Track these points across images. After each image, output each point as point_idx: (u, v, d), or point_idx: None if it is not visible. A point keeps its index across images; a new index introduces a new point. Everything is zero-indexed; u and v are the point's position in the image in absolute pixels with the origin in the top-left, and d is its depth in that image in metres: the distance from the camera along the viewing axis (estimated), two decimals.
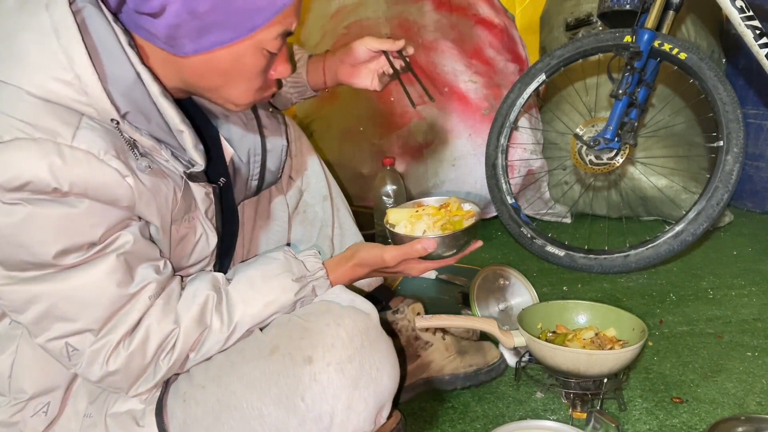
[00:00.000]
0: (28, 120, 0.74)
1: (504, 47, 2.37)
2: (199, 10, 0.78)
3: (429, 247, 0.99)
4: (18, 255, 0.76)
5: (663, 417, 1.21)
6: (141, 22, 0.81)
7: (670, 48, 1.82)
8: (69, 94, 0.76)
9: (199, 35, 0.80)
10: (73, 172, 0.75)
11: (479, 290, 1.54)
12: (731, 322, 1.60)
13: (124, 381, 0.85)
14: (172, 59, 0.84)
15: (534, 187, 2.35)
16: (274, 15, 0.82)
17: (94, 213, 0.78)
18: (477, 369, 1.31)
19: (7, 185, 0.73)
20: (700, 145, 2.31)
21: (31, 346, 0.88)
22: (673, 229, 1.85)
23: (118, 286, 0.81)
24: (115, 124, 0.79)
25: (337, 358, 0.84)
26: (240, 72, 0.86)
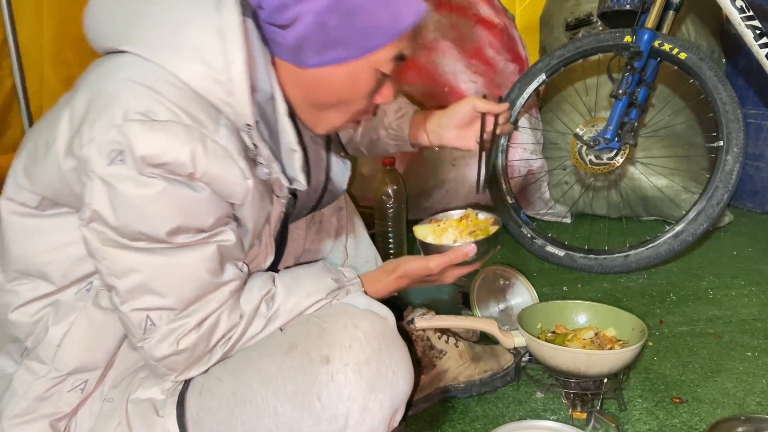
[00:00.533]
0: (180, 104, 0.79)
1: (504, 47, 2.37)
2: (329, 24, 0.84)
3: (471, 252, 1.03)
4: (136, 224, 0.80)
5: (663, 417, 1.21)
6: (271, 34, 0.87)
7: (670, 48, 1.82)
8: (217, 92, 0.82)
9: (323, 49, 0.86)
10: (208, 163, 0.80)
11: (479, 290, 1.54)
12: (731, 322, 1.60)
13: (184, 363, 0.88)
14: (293, 72, 0.89)
15: (534, 187, 2.35)
16: (394, 37, 0.87)
17: (211, 202, 0.83)
18: (492, 374, 1.30)
19: (151, 160, 0.77)
20: (700, 145, 2.31)
21: (88, 320, 0.90)
22: (673, 229, 1.85)
23: (210, 274, 0.85)
24: (248, 129, 0.85)
25: (355, 360, 0.85)
26: (351, 90, 0.91)
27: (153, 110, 0.78)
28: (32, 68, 1.86)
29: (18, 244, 0.89)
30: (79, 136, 0.79)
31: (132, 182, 0.78)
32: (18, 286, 0.91)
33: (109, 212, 0.79)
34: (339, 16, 0.83)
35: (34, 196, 0.87)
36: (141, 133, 0.77)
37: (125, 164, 0.78)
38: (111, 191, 0.78)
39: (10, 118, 1.87)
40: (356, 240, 1.33)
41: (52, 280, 0.90)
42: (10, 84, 1.83)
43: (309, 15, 0.83)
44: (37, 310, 0.90)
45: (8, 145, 1.88)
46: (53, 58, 1.89)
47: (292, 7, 0.84)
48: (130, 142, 0.77)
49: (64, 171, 0.82)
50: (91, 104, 0.80)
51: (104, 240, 0.81)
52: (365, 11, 0.84)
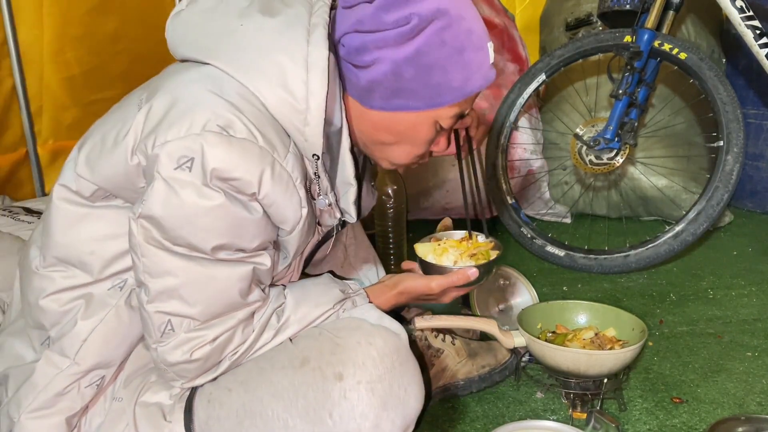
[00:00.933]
0: (257, 125, 0.82)
1: (504, 47, 2.37)
2: (404, 75, 0.87)
3: (473, 275, 1.05)
4: (184, 232, 0.81)
5: (663, 417, 1.21)
6: (345, 70, 0.91)
7: (670, 48, 1.82)
8: (294, 119, 0.85)
9: (391, 96, 0.89)
10: (273, 186, 0.83)
11: (479, 290, 1.54)
12: (731, 322, 1.60)
13: (194, 373, 0.89)
14: (359, 109, 0.93)
15: (534, 187, 2.35)
16: (461, 98, 0.90)
17: (260, 225, 0.85)
18: (491, 369, 1.31)
19: (220, 174, 0.79)
20: (700, 145, 2.31)
21: (118, 318, 0.91)
22: (673, 229, 1.85)
23: (239, 293, 0.86)
24: (316, 159, 0.88)
25: (368, 377, 0.85)
26: (411, 138, 0.94)
27: (232, 126, 0.80)
28: (32, 68, 1.86)
29: (63, 230, 0.91)
30: (153, 135, 0.81)
31: (194, 190, 0.79)
32: (54, 273, 0.92)
33: (163, 213, 0.80)
34: (415, 69, 0.86)
35: (91, 186, 0.89)
36: (217, 145, 0.79)
37: (192, 172, 0.79)
38: (171, 194, 0.79)
39: (10, 118, 1.87)
40: (356, 240, 1.34)
41: (90, 270, 0.91)
42: (10, 84, 1.83)
43: (386, 62, 0.86)
44: (68, 300, 0.91)
45: (8, 145, 1.88)
46: (53, 58, 1.89)
47: (372, 52, 0.86)
48: (204, 152, 0.78)
49: (130, 166, 0.84)
50: (171, 107, 0.82)
51: (149, 238, 0.82)
52: (441, 69, 0.87)
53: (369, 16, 0.85)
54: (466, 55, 0.88)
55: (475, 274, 1.06)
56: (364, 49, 0.87)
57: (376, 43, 0.86)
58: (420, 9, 0.84)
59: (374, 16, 0.85)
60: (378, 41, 0.86)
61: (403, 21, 0.85)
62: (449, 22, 0.86)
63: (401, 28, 0.85)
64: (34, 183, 1.95)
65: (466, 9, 0.89)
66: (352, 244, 1.33)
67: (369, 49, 0.86)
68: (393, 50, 0.86)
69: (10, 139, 1.88)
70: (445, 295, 1.09)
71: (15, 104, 1.86)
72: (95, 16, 1.94)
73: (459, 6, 0.88)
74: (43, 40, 1.86)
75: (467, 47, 0.88)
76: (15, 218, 1.55)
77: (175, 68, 0.91)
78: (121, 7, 2.02)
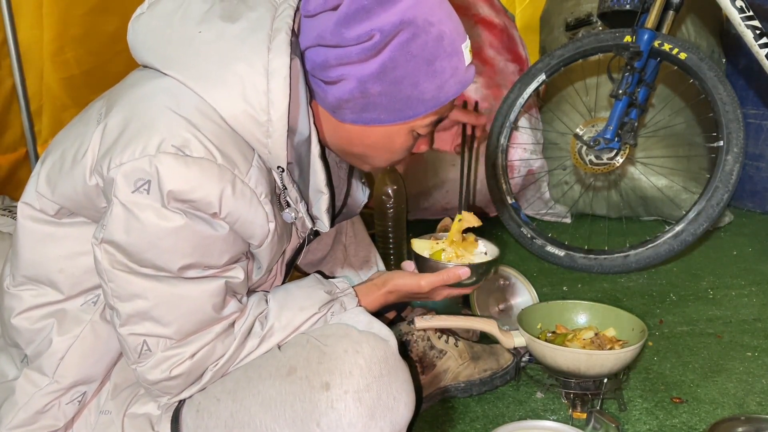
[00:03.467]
0: (215, 142, 0.79)
1: (504, 47, 2.37)
2: (371, 92, 0.84)
3: (464, 275, 1.03)
4: (149, 254, 0.79)
5: (663, 417, 1.21)
6: (313, 84, 0.87)
7: (670, 48, 1.82)
8: (255, 132, 0.82)
9: (361, 111, 0.86)
10: (235, 204, 0.80)
11: (479, 290, 1.54)
12: (731, 322, 1.60)
13: (177, 389, 0.88)
14: (330, 120, 0.90)
15: (534, 187, 2.35)
16: (435, 107, 0.87)
17: (228, 241, 0.83)
18: (492, 373, 1.30)
19: (179, 195, 0.77)
20: (700, 145, 2.31)
21: (94, 334, 0.90)
22: (673, 229, 1.85)
23: (213, 309, 0.85)
24: (281, 172, 0.85)
25: (355, 387, 0.84)
26: (387, 148, 0.92)
27: (188, 145, 0.77)
28: (32, 68, 1.86)
29: (30, 249, 0.89)
30: (108, 156, 0.78)
31: (153, 212, 0.77)
32: (23, 291, 0.90)
33: (124, 238, 0.78)
34: (382, 84, 0.83)
35: (53, 205, 0.87)
36: (173, 167, 0.76)
37: (149, 195, 0.77)
38: (130, 218, 0.78)
39: (10, 118, 1.87)
40: (356, 239, 1.33)
41: (60, 288, 0.89)
42: (10, 84, 1.83)
43: (352, 80, 0.83)
44: (39, 317, 0.90)
45: (8, 145, 1.88)
46: (53, 58, 1.88)
47: (336, 68, 0.83)
48: (160, 175, 0.76)
49: (88, 186, 0.82)
50: (126, 127, 0.79)
51: (114, 262, 0.80)
52: (410, 82, 0.84)
53: (330, 31, 0.82)
54: (438, 64, 0.84)
55: (467, 273, 1.03)
56: (327, 65, 0.84)
57: (339, 59, 0.83)
58: (382, 23, 0.80)
59: (335, 32, 0.81)
60: (341, 57, 0.82)
61: (365, 37, 0.81)
62: (415, 33, 0.82)
63: (363, 44, 0.81)
64: None
65: (434, 12, 0.84)
66: (352, 244, 1.32)
67: (333, 65, 0.83)
68: (357, 66, 0.82)
69: (10, 139, 1.88)
70: (436, 293, 1.07)
71: (15, 104, 1.86)
72: (95, 16, 1.93)
73: (426, 11, 0.83)
74: (43, 40, 1.86)
75: (438, 55, 0.84)
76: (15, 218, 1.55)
77: (135, 78, 0.88)
78: (121, 7, 2.01)
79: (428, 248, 1.13)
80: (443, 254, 1.11)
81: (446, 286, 1.05)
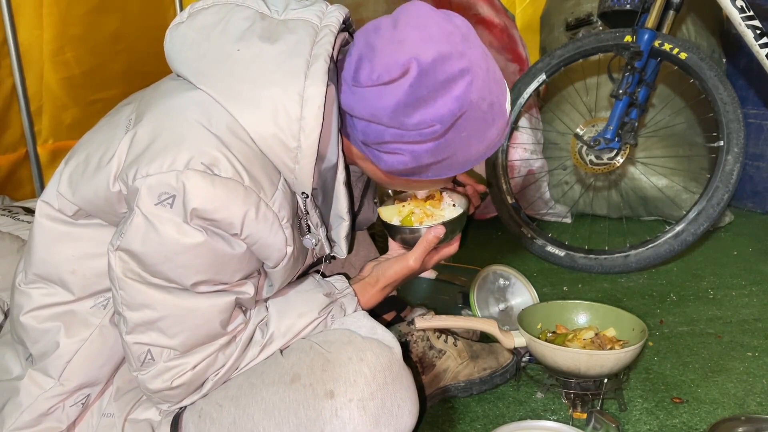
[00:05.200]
0: (244, 163, 0.78)
1: (504, 47, 2.37)
2: (424, 163, 0.86)
3: (440, 233, 1.01)
4: (163, 267, 0.79)
5: (663, 417, 1.21)
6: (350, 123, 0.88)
7: (671, 48, 1.82)
8: (283, 156, 0.82)
9: (410, 174, 0.89)
10: (257, 227, 0.80)
11: (479, 290, 1.54)
12: (731, 322, 1.59)
13: (178, 397, 0.88)
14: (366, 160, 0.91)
15: (534, 187, 2.35)
16: (477, 163, 0.90)
17: (243, 261, 0.83)
18: (492, 372, 1.31)
19: (202, 213, 0.77)
20: (700, 145, 2.31)
21: (102, 338, 0.90)
22: (674, 229, 1.85)
23: (220, 324, 0.85)
24: (305, 198, 0.86)
25: (360, 395, 0.84)
26: (420, 188, 0.99)
27: (218, 164, 0.77)
28: (32, 68, 1.86)
29: (44, 248, 0.88)
30: (135, 166, 0.78)
31: (173, 227, 0.77)
32: (33, 290, 0.90)
33: (141, 248, 0.78)
34: (437, 157, 0.85)
35: (72, 206, 0.86)
36: (200, 185, 0.76)
37: (172, 209, 0.77)
38: (149, 229, 0.77)
39: (10, 118, 1.87)
40: (356, 239, 1.33)
41: (71, 289, 0.89)
42: (10, 84, 1.83)
43: (407, 155, 0.85)
44: (47, 317, 0.89)
45: (8, 145, 1.88)
46: (53, 58, 1.89)
47: (390, 144, 0.84)
48: (186, 191, 0.76)
49: (111, 192, 0.81)
50: (155, 138, 0.79)
51: (127, 270, 0.80)
52: (463, 152, 0.86)
53: (387, 116, 0.81)
54: (490, 131, 0.86)
55: (442, 231, 1.00)
56: (382, 140, 0.84)
57: (396, 138, 0.83)
58: (441, 113, 0.81)
59: (393, 118, 0.81)
60: (398, 136, 0.83)
61: (425, 125, 0.82)
62: (471, 109, 0.83)
63: (423, 131, 0.82)
64: (34, 183, 1.95)
65: (486, 86, 0.84)
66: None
67: (388, 141, 0.84)
68: (415, 146, 0.84)
69: (10, 139, 1.88)
70: (426, 263, 1.05)
71: (15, 104, 1.86)
72: (95, 16, 1.94)
73: (480, 87, 0.83)
74: (43, 40, 1.86)
75: (489, 124, 0.86)
76: (15, 218, 1.55)
77: (167, 87, 0.87)
78: (121, 7, 2.02)
79: (396, 213, 1.09)
80: (413, 217, 1.07)
81: (432, 251, 1.03)
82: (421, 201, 1.10)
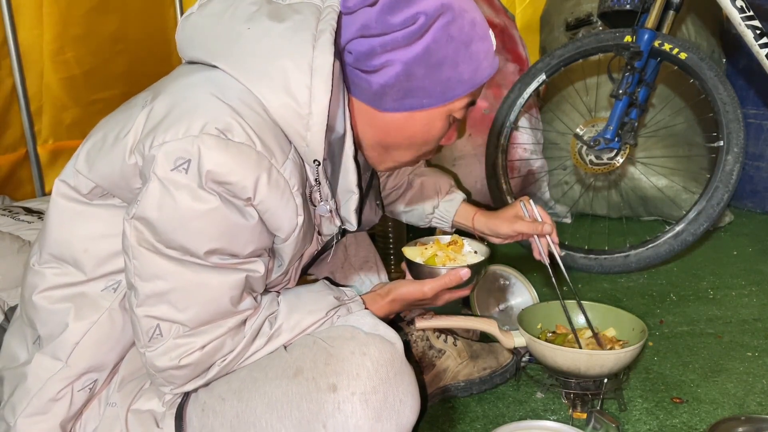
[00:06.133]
0: (256, 130, 0.81)
1: (504, 47, 2.37)
2: (415, 75, 0.88)
3: (465, 276, 1.06)
4: (177, 235, 0.81)
5: (663, 417, 1.21)
6: (353, 77, 0.91)
7: (671, 48, 1.82)
8: (295, 124, 0.84)
9: (404, 96, 0.90)
10: (268, 193, 0.82)
11: (479, 290, 1.54)
12: (731, 322, 1.60)
13: (182, 379, 0.88)
14: (369, 113, 0.93)
15: (534, 187, 2.35)
16: (472, 88, 0.92)
17: (255, 232, 0.84)
18: (492, 372, 1.31)
19: (215, 177, 0.79)
20: (700, 145, 2.31)
21: (111, 322, 0.91)
22: (674, 229, 1.85)
23: (230, 302, 0.86)
24: (317, 165, 0.88)
25: (362, 389, 0.84)
26: (425, 135, 0.95)
27: (231, 130, 0.80)
28: (32, 68, 1.86)
29: (59, 226, 0.90)
30: (151, 136, 0.80)
31: (189, 193, 0.79)
32: (47, 269, 0.91)
33: (156, 215, 0.80)
34: (426, 67, 0.87)
35: (88, 183, 0.88)
36: (214, 148, 0.78)
37: (188, 174, 0.78)
38: (165, 195, 0.79)
39: (10, 118, 1.87)
40: (356, 240, 1.34)
41: (83, 269, 0.90)
42: (10, 84, 1.83)
43: (398, 64, 0.87)
44: (59, 298, 0.91)
45: (8, 145, 1.88)
46: (53, 58, 1.89)
47: (381, 55, 0.87)
48: (201, 155, 0.78)
49: (127, 165, 0.84)
50: (171, 109, 0.82)
51: (141, 240, 0.82)
52: (451, 64, 0.88)
53: (374, 20, 0.85)
54: (474, 46, 0.90)
55: (468, 273, 1.06)
56: (372, 53, 0.87)
57: (385, 46, 0.86)
58: (425, 7, 0.85)
59: (380, 20, 0.85)
60: (386, 44, 0.86)
61: (411, 21, 0.85)
62: (454, 16, 0.87)
63: (409, 29, 0.85)
64: (34, 183, 1.96)
65: (466, 1, 0.90)
66: (352, 244, 1.33)
67: (378, 53, 0.87)
68: (403, 51, 0.86)
69: (10, 139, 1.88)
70: (438, 298, 1.08)
71: (15, 104, 1.86)
72: (95, 16, 1.94)
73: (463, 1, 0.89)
74: (43, 40, 1.86)
75: (473, 39, 0.89)
76: (15, 218, 1.55)
77: (181, 71, 0.91)
78: (121, 7, 2.02)
79: (419, 254, 1.15)
80: (436, 259, 1.13)
81: (447, 289, 1.07)
82: (443, 245, 1.17)
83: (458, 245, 1.18)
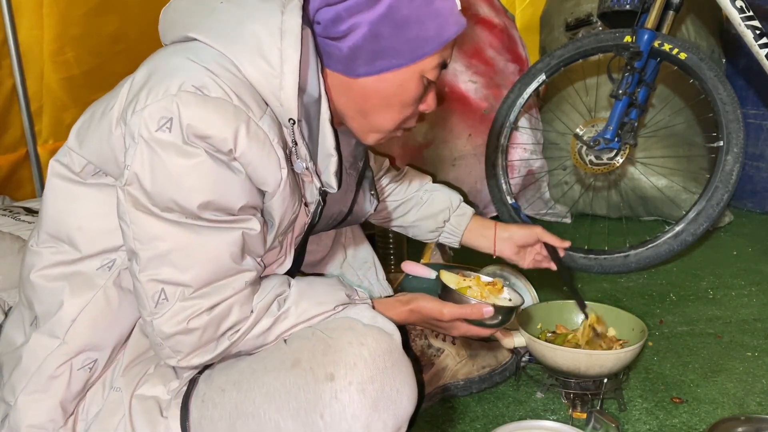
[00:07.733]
0: (232, 87, 0.84)
1: (504, 47, 2.37)
2: (382, 34, 0.90)
3: (487, 313, 1.05)
4: (170, 192, 0.82)
5: (663, 417, 1.21)
6: (325, 47, 0.93)
7: (670, 48, 1.82)
8: (269, 85, 0.87)
9: (374, 58, 0.92)
10: (249, 144, 0.84)
11: None
12: (731, 322, 1.60)
13: (190, 345, 0.88)
14: (344, 81, 0.95)
15: (534, 187, 2.35)
16: (440, 46, 0.93)
17: (244, 186, 0.86)
18: (491, 370, 1.31)
19: (196, 131, 0.81)
20: (700, 145, 2.31)
21: (106, 300, 0.92)
22: (673, 229, 1.85)
23: (231, 259, 0.87)
24: (292, 124, 0.90)
25: (359, 378, 0.84)
26: (400, 97, 0.96)
27: (206, 86, 0.83)
28: (32, 68, 1.86)
29: (54, 206, 0.93)
30: (134, 102, 0.83)
31: (174, 150, 0.81)
32: (44, 249, 0.93)
33: (147, 176, 0.82)
34: (391, 26, 0.90)
35: (81, 160, 0.91)
36: (192, 103, 0.81)
37: (171, 132, 0.81)
38: (153, 156, 0.82)
39: (10, 118, 1.87)
40: (355, 241, 1.34)
41: (78, 246, 0.92)
42: (10, 84, 1.84)
43: (364, 26, 0.90)
44: (56, 276, 0.92)
45: (8, 145, 1.88)
46: (53, 58, 1.89)
47: (347, 19, 0.90)
48: (180, 111, 0.81)
49: (114, 136, 0.86)
50: (150, 76, 0.85)
51: (137, 204, 0.83)
52: (416, 21, 0.91)
53: None
54: (437, 3, 0.92)
55: (490, 312, 1.04)
56: (338, 18, 0.90)
57: (349, 10, 0.89)
58: None
59: None
60: (350, 8, 0.89)
61: None
62: None
63: None
64: (34, 183, 1.96)
65: None
66: (351, 245, 1.33)
67: (343, 17, 0.90)
68: (367, 13, 0.89)
69: (10, 139, 1.88)
70: (455, 326, 1.08)
71: (15, 104, 1.86)
72: (95, 16, 1.94)
73: None
74: (43, 40, 1.86)
75: None
76: (15, 218, 1.55)
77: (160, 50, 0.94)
78: (121, 7, 2.02)
79: (455, 283, 1.14)
80: (469, 291, 1.12)
81: (466, 321, 1.06)
82: (482, 283, 1.17)
83: (496, 287, 1.17)
